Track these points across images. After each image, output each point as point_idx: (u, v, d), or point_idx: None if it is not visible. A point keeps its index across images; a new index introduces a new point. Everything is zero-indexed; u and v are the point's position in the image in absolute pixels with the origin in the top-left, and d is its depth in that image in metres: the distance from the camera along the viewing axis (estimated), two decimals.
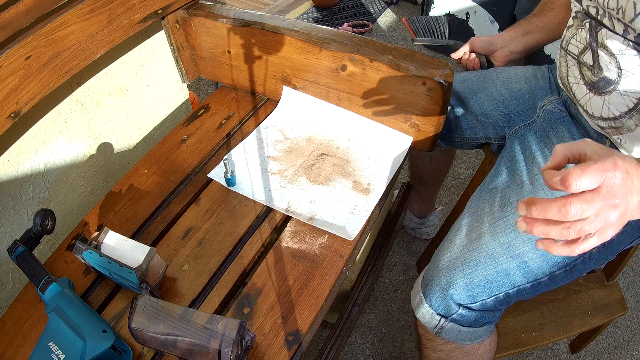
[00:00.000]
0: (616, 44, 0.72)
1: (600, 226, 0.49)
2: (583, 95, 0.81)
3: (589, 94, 0.80)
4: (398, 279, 1.48)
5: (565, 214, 0.47)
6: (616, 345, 1.33)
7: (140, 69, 1.08)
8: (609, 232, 0.50)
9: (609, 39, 0.73)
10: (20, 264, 0.75)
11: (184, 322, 0.63)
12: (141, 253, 0.73)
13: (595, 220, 0.48)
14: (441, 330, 0.81)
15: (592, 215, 0.47)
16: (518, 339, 1.01)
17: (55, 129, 0.92)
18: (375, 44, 0.91)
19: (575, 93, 0.84)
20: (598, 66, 0.76)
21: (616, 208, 0.48)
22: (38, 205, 0.93)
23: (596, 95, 0.78)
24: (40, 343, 0.66)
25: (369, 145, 0.98)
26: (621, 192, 0.48)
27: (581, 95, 0.82)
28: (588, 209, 0.47)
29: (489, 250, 0.77)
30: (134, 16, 0.92)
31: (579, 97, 0.83)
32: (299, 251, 0.81)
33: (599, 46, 0.75)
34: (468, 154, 1.87)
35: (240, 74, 1.10)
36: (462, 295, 0.77)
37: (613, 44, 0.72)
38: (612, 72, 0.74)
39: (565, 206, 0.47)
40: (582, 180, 0.46)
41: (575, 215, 0.47)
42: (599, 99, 0.78)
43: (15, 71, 0.74)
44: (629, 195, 0.49)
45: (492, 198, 0.84)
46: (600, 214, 0.48)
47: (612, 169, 0.47)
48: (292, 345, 0.70)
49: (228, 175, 0.91)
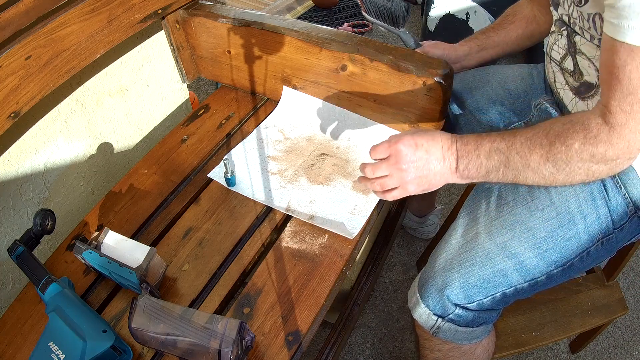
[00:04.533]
0: (591, 50, 0.73)
1: (397, 182, 0.72)
2: (570, 100, 0.83)
3: (575, 99, 0.81)
4: (398, 279, 1.48)
5: (365, 173, 0.75)
6: (616, 345, 1.33)
7: (140, 69, 1.08)
8: (409, 187, 0.72)
9: (583, 45, 0.74)
10: (20, 264, 0.75)
11: (184, 322, 0.63)
12: (141, 253, 0.73)
13: (392, 179, 0.72)
14: (438, 331, 0.81)
15: (387, 175, 0.72)
16: (518, 339, 1.00)
17: (55, 129, 0.92)
18: (375, 44, 0.91)
19: (563, 98, 0.85)
20: (578, 71, 0.77)
21: (404, 171, 0.71)
22: (38, 205, 0.93)
23: (580, 100, 0.79)
24: (40, 343, 0.66)
25: (369, 145, 0.98)
26: (407, 159, 0.70)
27: (568, 100, 0.83)
28: (378, 170, 0.72)
29: (485, 250, 0.77)
30: (134, 16, 0.92)
31: (566, 102, 0.84)
32: (299, 251, 0.81)
33: (577, 52, 0.76)
34: None
35: (240, 74, 1.10)
36: (459, 295, 0.77)
37: (588, 50, 0.73)
38: (592, 76, 0.75)
39: (364, 168, 0.75)
40: (375, 153, 0.73)
41: (369, 174, 0.74)
42: (583, 104, 0.79)
43: (15, 71, 0.74)
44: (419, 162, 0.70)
45: (487, 198, 0.84)
46: (393, 175, 0.72)
47: (395, 143, 0.70)
48: (292, 345, 0.70)
49: (228, 175, 0.91)
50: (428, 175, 0.71)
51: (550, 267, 0.76)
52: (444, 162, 0.71)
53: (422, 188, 0.73)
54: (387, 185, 0.73)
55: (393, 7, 0.93)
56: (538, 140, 0.65)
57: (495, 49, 0.99)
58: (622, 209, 0.75)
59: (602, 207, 0.75)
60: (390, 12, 0.93)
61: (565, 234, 0.75)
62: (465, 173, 0.70)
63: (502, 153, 0.67)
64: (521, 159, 0.66)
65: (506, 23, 0.99)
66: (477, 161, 0.69)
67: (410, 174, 0.71)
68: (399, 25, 0.95)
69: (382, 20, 0.96)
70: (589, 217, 0.75)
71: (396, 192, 0.74)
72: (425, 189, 0.74)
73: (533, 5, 0.97)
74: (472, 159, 0.69)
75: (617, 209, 0.75)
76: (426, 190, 0.74)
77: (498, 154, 0.67)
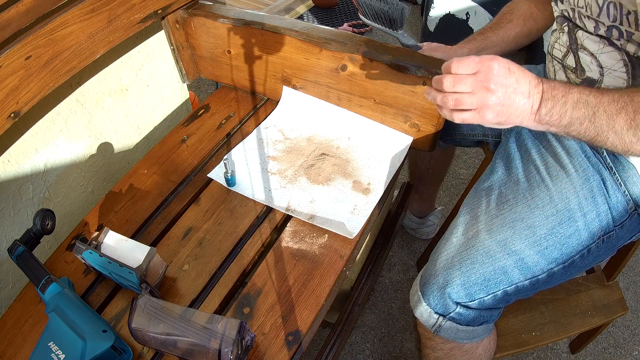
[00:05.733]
0: (594, 44, 0.73)
1: (476, 103, 0.63)
2: None
3: None
4: (398, 279, 1.48)
5: (441, 85, 0.64)
6: (616, 345, 1.33)
7: (140, 69, 1.08)
8: (487, 113, 0.64)
9: (586, 40, 0.74)
10: (20, 264, 0.75)
11: (184, 322, 0.63)
12: (141, 253, 0.73)
13: (472, 97, 0.63)
14: (439, 329, 0.81)
15: (467, 92, 0.63)
16: (518, 339, 1.01)
17: (55, 129, 0.92)
18: (375, 44, 0.91)
19: None
20: (580, 68, 0.77)
21: (491, 92, 0.62)
22: (38, 205, 0.93)
23: None
24: (40, 343, 0.66)
25: (369, 145, 0.98)
26: (498, 80, 0.62)
27: None
28: (461, 85, 0.63)
29: (486, 248, 0.77)
30: (134, 16, 0.92)
31: None
32: (299, 251, 0.81)
33: (579, 48, 0.76)
34: (468, 154, 1.87)
35: (240, 74, 1.10)
36: (460, 293, 0.77)
37: (591, 44, 0.73)
38: (594, 72, 0.75)
39: (441, 79, 0.64)
40: (460, 65, 0.63)
41: (448, 87, 0.63)
42: None
43: (15, 71, 0.74)
44: (508, 88, 0.63)
45: (488, 196, 0.84)
46: (475, 93, 0.63)
47: (489, 60, 0.62)
48: (292, 345, 0.70)
49: (228, 175, 0.91)
50: (511, 106, 0.64)
51: (550, 264, 0.76)
52: (529, 99, 0.64)
53: (498, 119, 0.65)
54: (464, 103, 0.64)
55: (390, 10, 0.91)
56: (623, 104, 0.62)
57: (494, 49, 0.99)
58: (622, 207, 0.76)
59: (602, 205, 0.76)
60: (387, 15, 0.92)
61: (566, 231, 0.75)
62: (546, 118, 0.65)
63: (590, 107, 0.63)
64: (607, 119, 0.63)
65: (504, 22, 0.99)
66: (562, 108, 0.64)
67: (496, 98, 0.63)
68: (397, 27, 0.95)
69: (379, 23, 0.95)
70: (589, 214, 0.75)
71: (468, 115, 0.65)
72: (499, 123, 0.66)
73: (530, 3, 0.97)
74: (557, 104, 0.64)
75: (617, 206, 0.76)
76: (501, 124, 0.66)
77: (586, 107, 0.64)
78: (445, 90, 0.64)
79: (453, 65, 0.63)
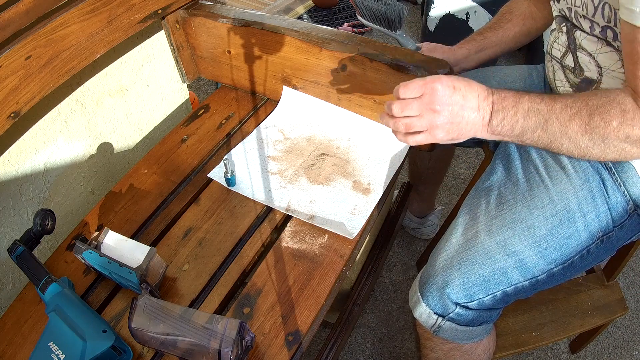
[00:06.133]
0: (592, 44, 0.73)
1: (426, 125, 0.65)
2: None
3: None
4: (398, 279, 1.48)
5: (391, 111, 0.67)
6: (616, 345, 1.33)
7: (140, 69, 1.08)
8: (438, 133, 0.66)
9: (584, 40, 0.74)
10: (20, 264, 0.75)
11: (184, 322, 0.63)
12: (141, 253, 0.73)
13: (421, 120, 0.65)
14: (439, 330, 0.81)
15: (416, 116, 0.65)
16: (518, 339, 1.01)
17: (55, 129, 0.92)
18: (375, 44, 0.91)
19: None
20: (579, 68, 0.77)
21: (437, 113, 0.64)
22: (38, 205, 0.93)
23: None
24: (40, 343, 0.66)
25: (369, 145, 0.98)
26: (443, 100, 0.64)
27: None
28: (408, 109, 0.65)
29: (485, 248, 0.77)
30: (134, 16, 0.92)
31: None
32: (299, 251, 0.81)
33: (577, 48, 0.76)
34: (468, 154, 1.87)
35: (240, 74, 1.10)
36: (459, 294, 0.77)
37: (589, 44, 0.73)
38: (592, 72, 0.75)
39: (390, 105, 0.66)
40: (407, 91, 0.65)
41: (397, 112, 0.66)
42: None
43: (15, 71, 0.74)
44: (454, 106, 0.64)
45: (487, 196, 0.84)
46: (423, 115, 0.65)
47: (432, 82, 0.64)
48: (292, 345, 0.70)
49: (228, 175, 0.91)
50: (460, 123, 0.66)
51: (550, 265, 0.76)
52: (478, 112, 0.66)
53: (450, 136, 0.67)
54: (413, 126, 0.66)
55: (388, 11, 0.91)
56: (577, 109, 0.63)
57: (493, 49, 0.99)
58: (621, 207, 0.76)
59: (602, 205, 0.76)
60: (386, 16, 0.92)
61: (565, 231, 0.75)
62: (498, 129, 0.67)
63: (542, 115, 0.64)
64: (560, 126, 0.64)
65: (503, 21, 0.99)
66: (513, 118, 0.66)
67: (443, 118, 0.65)
68: (396, 28, 0.94)
69: (377, 24, 0.95)
70: (589, 214, 0.75)
71: (421, 137, 0.67)
72: (452, 139, 0.68)
73: (530, 2, 0.97)
74: (508, 115, 0.66)
75: (616, 206, 0.76)
76: (453, 140, 0.68)
77: (537, 115, 0.65)
78: (395, 116, 0.67)
79: (400, 91, 0.66)
